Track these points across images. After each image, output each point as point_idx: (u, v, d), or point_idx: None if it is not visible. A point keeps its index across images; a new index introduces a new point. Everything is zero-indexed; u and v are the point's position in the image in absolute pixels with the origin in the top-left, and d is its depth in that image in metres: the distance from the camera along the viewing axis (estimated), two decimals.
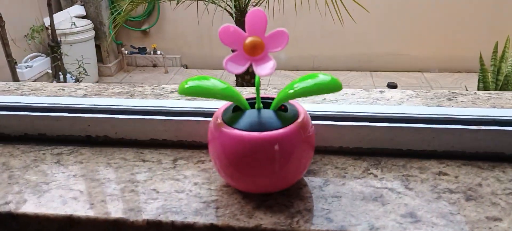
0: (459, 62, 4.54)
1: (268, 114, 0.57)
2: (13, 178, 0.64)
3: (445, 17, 4.45)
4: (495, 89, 2.70)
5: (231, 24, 0.54)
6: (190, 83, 0.57)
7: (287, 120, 0.56)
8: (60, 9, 4.53)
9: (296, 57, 4.62)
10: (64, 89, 0.88)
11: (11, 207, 0.58)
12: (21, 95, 0.86)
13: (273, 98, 0.60)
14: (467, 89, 2.97)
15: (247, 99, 0.60)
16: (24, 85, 0.91)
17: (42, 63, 4.17)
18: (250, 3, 3.01)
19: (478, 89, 2.79)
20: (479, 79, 2.80)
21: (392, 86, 3.85)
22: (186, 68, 5.00)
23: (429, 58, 4.62)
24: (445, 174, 0.62)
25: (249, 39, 0.54)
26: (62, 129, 0.73)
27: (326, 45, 4.68)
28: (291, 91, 0.56)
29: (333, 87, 0.55)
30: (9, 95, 0.85)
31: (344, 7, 2.71)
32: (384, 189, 0.59)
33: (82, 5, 4.59)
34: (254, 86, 0.59)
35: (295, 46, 4.54)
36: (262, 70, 0.53)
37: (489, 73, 2.77)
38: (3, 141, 0.74)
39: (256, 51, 0.54)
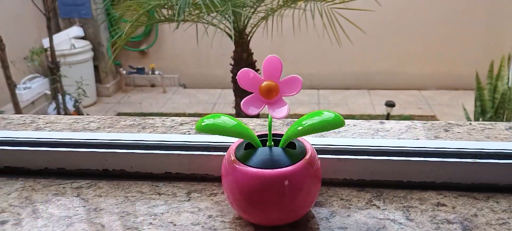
0: (456, 80, 4.61)
1: (278, 152, 0.61)
2: (37, 212, 0.68)
3: (442, 36, 4.53)
4: (492, 107, 2.75)
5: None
6: (207, 122, 0.60)
7: (296, 156, 0.60)
8: (59, 30, 4.58)
9: None
10: (78, 122, 0.92)
11: None
12: (37, 129, 0.90)
13: (282, 135, 0.65)
14: (464, 108, 3.02)
15: (259, 135, 0.65)
16: (39, 118, 0.95)
17: (40, 84, 4.22)
18: (249, 24, 3.06)
19: (475, 107, 2.85)
20: (476, 97, 2.85)
21: (390, 104, 3.90)
22: (185, 87, 5.05)
23: (426, 76, 4.69)
24: (443, 204, 0.66)
25: (265, 83, 0.58)
26: (80, 163, 0.78)
27: (324, 64, 4.74)
28: (299, 128, 0.60)
29: (337, 124, 0.59)
30: (27, 130, 0.89)
31: (342, 28, 2.76)
32: (387, 220, 0.63)
33: (81, 26, 4.64)
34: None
35: (294, 65, 4.60)
36: (277, 113, 0.57)
37: (485, 92, 2.82)
38: (24, 175, 0.78)
39: (271, 95, 0.58)
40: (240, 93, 3.12)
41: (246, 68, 0.58)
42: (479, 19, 4.44)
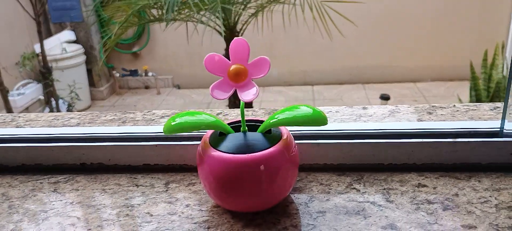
0: (451, 71, 4.59)
1: (253, 136, 0.60)
2: (13, 208, 0.67)
3: (435, 27, 4.52)
4: (487, 97, 2.75)
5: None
6: (173, 123, 0.59)
7: (271, 141, 0.59)
8: (50, 35, 4.56)
9: (287, 73, 4.67)
10: (58, 119, 0.90)
11: None
12: (17, 126, 0.88)
13: (257, 120, 0.64)
14: (459, 98, 3.01)
15: (233, 122, 0.64)
16: (19, 117, 0.93)
17: (34, 90, 4.20)
18: (239, 21, 3.05)
19: (470, 97, 2.84)
20: (470, 87, 2.85)
21: (385, 97, 3.89)
22: (179, 88, 5.03)
23: (421, 68, 4.67)
24: (424, 185, 0.65)
25: (233, 67, 0.57)
26: (57, 158, 0.76)
27: (317, 59, 4.72)
28: (281, 118, 0.59)
29: (320, 123, 0.59)
30: (5, 128, 0.88)
31: (332, 22, 2.75)
32: (366, 203, 0.62)
33: (72, 30, 4.62)
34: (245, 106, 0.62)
35: (286, 62, 4.59)
36: (246, 96, 0.56)
37: (480, 81, 2.81)
38: (2, 172, 0.77)
39: (240, 78, 0.57)
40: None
41: (212, 53, 0.57)
42: (472, 9, 4.43)
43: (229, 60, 0.58)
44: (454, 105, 0.84)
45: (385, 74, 4.76)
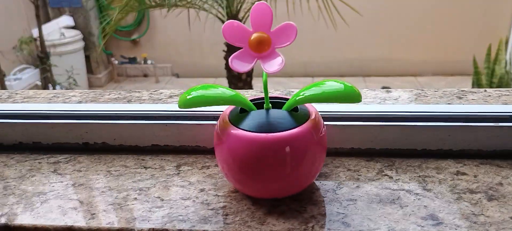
0: (452, 65, 4.53)
1: (278, 114, 0.54)
2: (8, 189, 0.61)
3: (438, 21, 4.45)
4: None
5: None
6: (191, 95, 0.53)
7: (298, 120, 0.53)
8: (48, 20, 4.48)
9: (288, 64, 4.55)
10: (58, 97, 0.84)
11: (7, 219, 0.55)
12: (14, 103, 0.82)
13: (281, 98, 0.58)
14: None
15: (255, 99, 0.58)
16: (16, 93, 0.87)
17: (31, 75, 4.12)
18: (242, 9, 2.98)
19: None
20: (473, 82, 2.79)
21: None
22: (178, 77, 4.96)
23: (422, 62, 4.61)
24: (464, 173, 0.59)
25: (254, 35, 0.51)
26: (58, 137, 0.70)
27: (319, 51, 4.65)
28: (309, 94, 0.53)
29: (355, 99, 0.53)
30: (1, 104, 0.81)
31: (337, 10, 2.69)
32: (401, 191, 0.56)
33: (71, 16, 4.54)
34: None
35: (288, 52, 4.48)
36: (270, 67, 0.50)
37: (483, 76, 2.76)
38: None
39: (262, 48, 0.51)
40: (234, 80, 3.04)
41: (231, 20, 0.51)
42: (476, 3, 4.37)
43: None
44: (485, 90, 0.78)
45: (386, 67, 4.69)
